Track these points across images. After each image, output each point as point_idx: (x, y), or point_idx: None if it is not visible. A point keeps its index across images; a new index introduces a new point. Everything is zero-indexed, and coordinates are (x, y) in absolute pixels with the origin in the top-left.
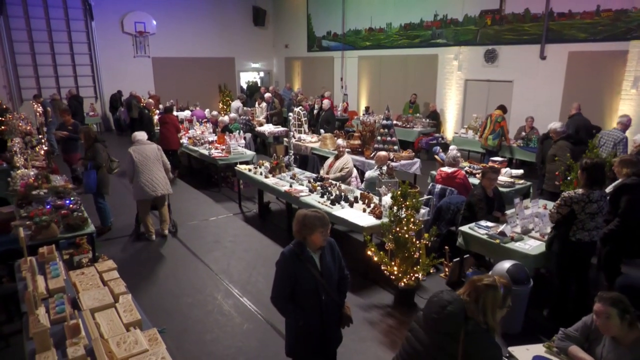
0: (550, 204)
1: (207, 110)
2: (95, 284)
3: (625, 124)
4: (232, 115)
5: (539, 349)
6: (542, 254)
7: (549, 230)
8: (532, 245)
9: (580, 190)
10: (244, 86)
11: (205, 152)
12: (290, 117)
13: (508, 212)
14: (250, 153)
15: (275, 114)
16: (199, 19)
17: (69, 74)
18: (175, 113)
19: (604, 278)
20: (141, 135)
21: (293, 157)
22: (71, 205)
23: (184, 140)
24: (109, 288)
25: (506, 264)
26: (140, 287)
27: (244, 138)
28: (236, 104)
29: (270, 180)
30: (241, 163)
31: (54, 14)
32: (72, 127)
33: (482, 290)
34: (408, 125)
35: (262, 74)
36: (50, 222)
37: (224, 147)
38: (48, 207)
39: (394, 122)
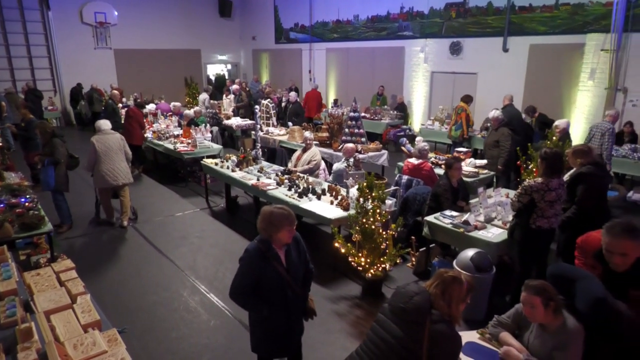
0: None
1: (177, 103)
2: (51, 284)
3: (614, 117)
4: (198, 108)
5: (472, 335)
6: (504, 242)
7: (510, 218)
8: (495, 234)
9: (539, 179)
10: (212, 79)
11: (171, 147)
12: (257, 110)
13: (472, 201)
14: (217, 147)
15: (242, 106)
16: (162, 10)
17: (25, 67)
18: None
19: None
20: (105, 124)
21: (260, 150)
22: (27, 204)
23: (148, 135)
24: (66, 288)
25: (470, 252)
26: (102, 286)
27: (211, 132)
28: (203, 96)
29: (237, 174)
30: (208, 157)
31: (6, 3)
32: (25, 125)
33: (449, 283)
34: (376, 118)
35: (229, 66)
36: (4, 222)
37: (189, 141)
38: (1, 205)
39: (362, 114)
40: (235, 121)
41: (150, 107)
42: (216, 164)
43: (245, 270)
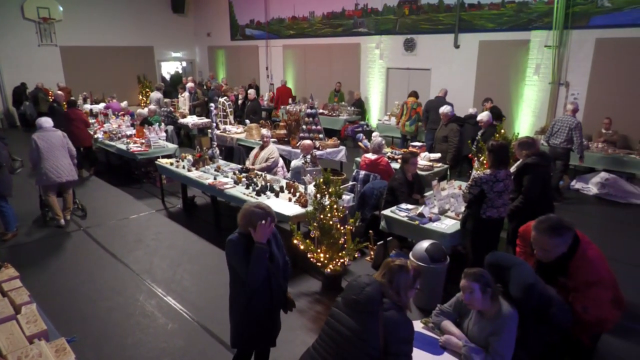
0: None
1: (124, 103)
2: None
3: (575, 110)
4: (152, 107)
5: (417, 324)
6: (457, 232)
7: (463, 209)
8: (449, 225)
9: (488, 171)
10: (167, 76)
11: (123, 147)
12: (212, 108)
13: (427, 194)
14: (172, 146)
15: (198, 104)
16: (111, 5)
17: None
18: (89, 106)
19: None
20: (46, 122)
21: (217, 148)
22: None
23: (99, 135)
24: (9, 299)
25: (425, 244)
26: (51, 294)
27: (166, 131)
28: (155, 94)
29: (194, 174)
30: (163, 157)
31: None
32: None
33: (395, 271)
34: (334, 114)
35: (184, 63)
36: None
37: (143, 140)
38: None
39: (320, 110)
40: (192, 120)
41: (100, 106)
42: (171, 164)
43: (240, 257)
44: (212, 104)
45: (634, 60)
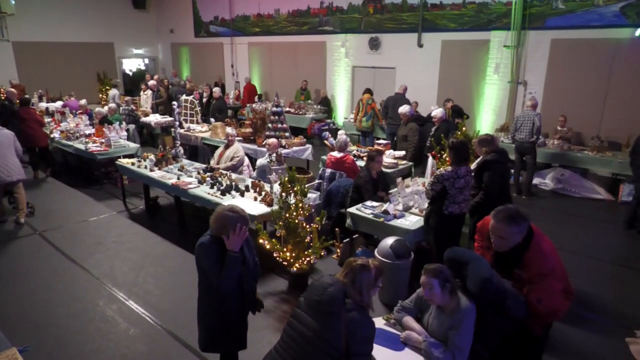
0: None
1: (83, 101)
2: None
3: (534, 105)
4: (112, 105)
5: (379, 321)
6: (421, 228)
7: (426, 206)
8: (413, 221)
9: (449, 168)
10: (130, 74)
11: (82, 147)
12: (176, 107)
13: (391, 191)
14: (134, 146)
15: (161, 102)
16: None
17: None
18: (44, 104)
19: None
20: None
21: (181, 148)
22: None
23: (56, 135)
24: None
25: (389, 240)
26: (4, 302)
27: (127, 130)
28: (113, 92)
29: (156, 174)
30: (124, 157)
31: None
32: None
33: (357, 271)
34: (300, 112)
35: (146, 60)
36: None
37: (103, 140)
38: None
39: (287, 109)
40: (154, 118)
41: (57, 104)
42: (133, 164)
43: (212, 260)
44: (174, 102)
45: (586, 61)
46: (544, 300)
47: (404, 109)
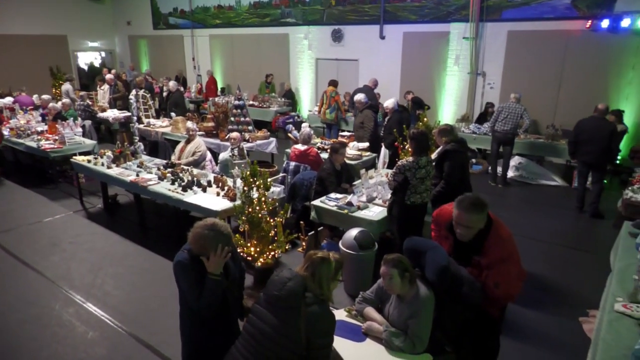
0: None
1: (35, 96)
2: None
3: (518, 98)
4: (66, 100)
5: (341, 313)
6: (384, 219)
7: (389, 196)
8: (376, 212)
9: (410, 158)
10: (85, 68)
11: (33, 145)
12: (132, 101)
13: (355, 183)
14: (90, 142)
15: (119, 97)
16: None
17: None
18: None
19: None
20: None
21: (140, 143)
22: None
23: (5, 132)
24: None
25: (353, 232)
26: None
27: (83, 126)
28: (66, 87)
29: (114, 171)
30: (80, 154)
31: None
32: None
33: (317, 264)
34: (264, 105)
35: (103, 54)
36: None
37: (57, 137)
38: None
39: (250, 102)
40: (112, 114)
41: (6, 100)
42: (89, 161)
43: (190, 280)
44: (131, 97)
45: (541, 52)
46: (502, 284)
47: (358, 96)
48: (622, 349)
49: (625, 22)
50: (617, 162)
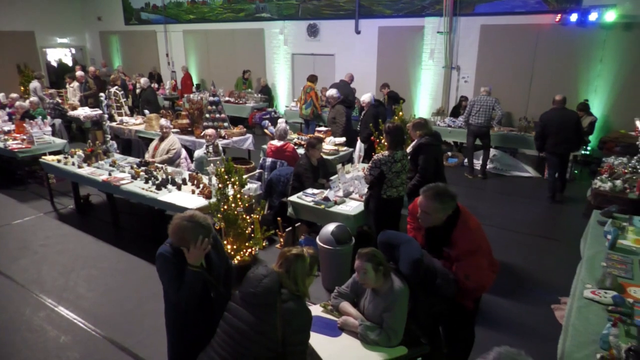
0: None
1: (1, 95)
2: None
3: (489, 91)
4: (34, 99)
5: (317, 309)
6: (361, 213)
7: (366, 190)
8: (353, 207)
9: (386, 152)
10: (56, 65)
11: (0, 145)
12: (103, 98)
13: (332, 178)
14: (60, 142)
15: (91, 95)
16: None
17: None
18: None
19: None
20: None
21: (113, 142)
22: None
23: None
24: None
25: (331, 227)
26: None
27: (52, 125)
28: (34, 84)
29: (85, 170)
30: (51, 154)
31: None
32: None
33: (292, 260)
34: (240, 101)
35: (73, 50)
36: None
37: (25, 137)
38: None
39: (227, 98)
40: (83, 112)
41: None
42: (59, 161)
43: (169, 275)
44: (102, 94)
45: (513, 45)
46: (472, 276)
47: (330, 92)
48: (591, 334)
49: (593, 16)
50: (587, 152)
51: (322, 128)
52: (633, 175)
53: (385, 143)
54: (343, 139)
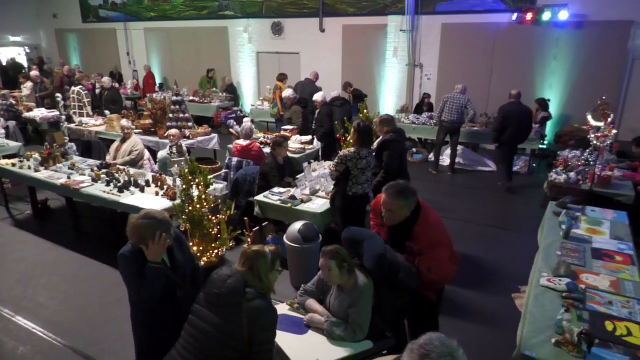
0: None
1: None
2: None
3: (463, 90)
4: None
5: (283, 307)
6: (328, 211)
7: (332, 188)
8: (320, 204)
9: (352, 149)
10: (9, 65)
11: None
12: (60, 99)
13: (299, 176)
14: (15, 144)
15: (47, 96)
16: None
17: None
18: None
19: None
20: None
21: (73, 144)
22: None
23: None
24: None
25: (297, 225)
26: None
27: (6, 127)
28: None
29: (43, 174)
30: (5, 157)
31: None
32: None
33: (253, 257)
34: (205, 101)
35: (27, 49)
36: None
37: None
38: None
39: (191, 98)
40: (40, 113)
41: None
42: (14, 165)
43: (131, 274)
44: (58, 95)
45: (473, 43)
46: (434, 269)
47: (286, 92)
48: (547, 320)
49: (547, 16)
50: (544, 146)
51: (289, 127)
52: (586, 168)
53: (351, 140)
54: (309, 138)
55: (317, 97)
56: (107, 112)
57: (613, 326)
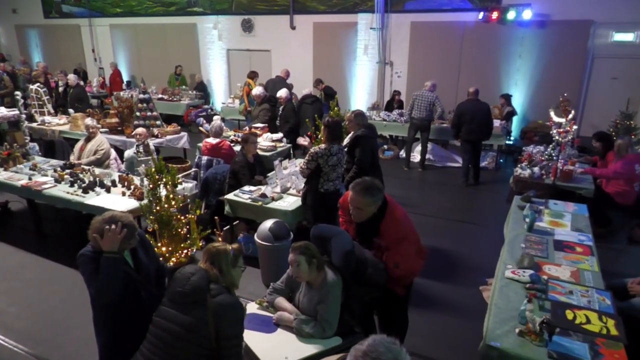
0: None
1: None
2: None
3: (431, 87)
4: None
5: (252, 306)
6: (299, 208)
7: (303, 186)
8: (291, 202)
9: (322, 146)
10: None
11: None
12: (19, 97)
13: (269, 174)
14: None
15: (6, 94)
16: None
17: None
18: None
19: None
20: None
21: (34, 144)
22: None
23: None
24: None
25: (268, 223)
26: None
27: None
28: None
29: (2, 175)
30: None
31: None
32: None
33: (214, 253)
34: (175, 99)
35: None
36: None
37: None
38: None
39: (160, 96)
40: None
41: None
42: None
43: (90, 272)
44: (18, 93)
45: (441, 41)
46: (401, 264)
47: (256, 90)
48: (511, 311)
49: (511, 15)
50: (510, 142)
51: (259, 124)
52: (549, 162)
53: (322, 137)
54: (280, 135)
55: (281, 93)
56: (71, 110)
57: (573, 315)
